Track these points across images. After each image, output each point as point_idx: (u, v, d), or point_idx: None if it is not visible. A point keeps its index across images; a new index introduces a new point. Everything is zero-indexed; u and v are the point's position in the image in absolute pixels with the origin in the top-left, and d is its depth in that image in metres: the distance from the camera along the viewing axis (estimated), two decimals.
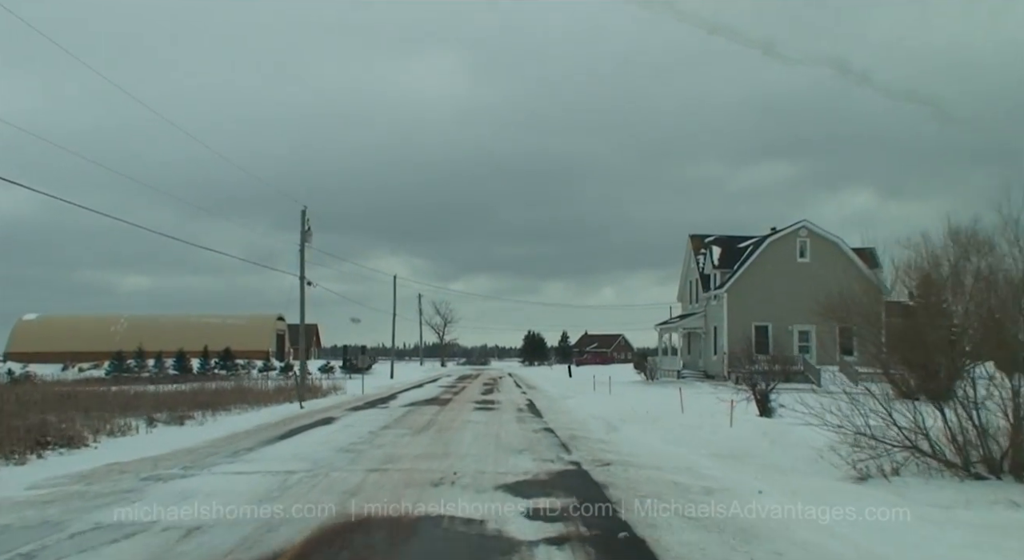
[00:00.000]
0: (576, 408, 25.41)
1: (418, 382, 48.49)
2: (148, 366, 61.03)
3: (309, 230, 34.97)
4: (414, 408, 24.35)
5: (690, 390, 35.64)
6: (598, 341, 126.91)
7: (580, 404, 27.12)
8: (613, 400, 28.79)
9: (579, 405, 26.74)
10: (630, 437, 16.53)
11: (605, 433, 17.53)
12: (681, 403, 23.30)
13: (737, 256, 40.43)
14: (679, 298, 47.83)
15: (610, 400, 28.77)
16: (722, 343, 39.07)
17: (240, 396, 26.67)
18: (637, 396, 30.92)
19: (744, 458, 13.76)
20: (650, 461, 12.30)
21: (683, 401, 28.19)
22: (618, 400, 28.78)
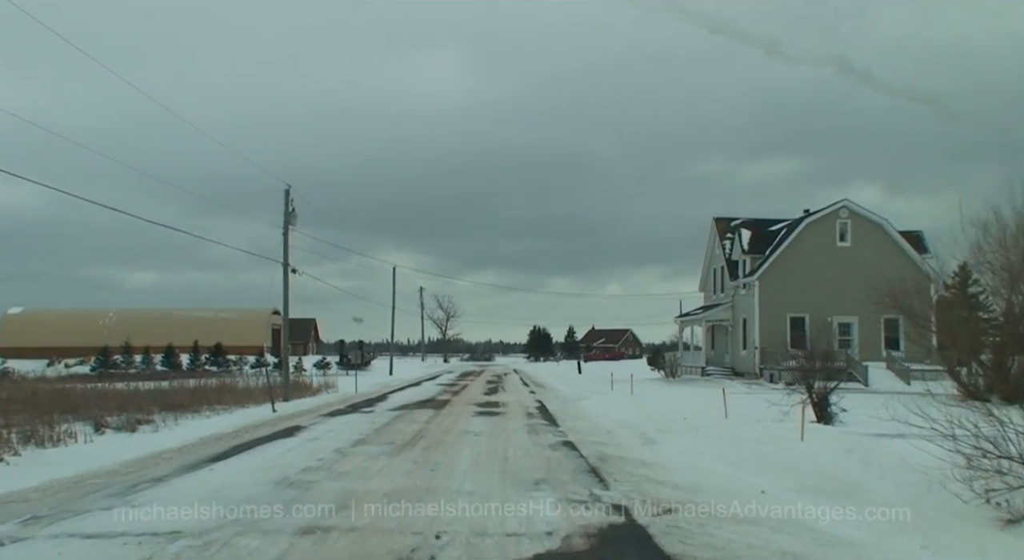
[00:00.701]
0: (595, 412, 21.49)
1: (416, 380, 44.67)
2: (135, 362, 57.99)
3: (293, 212, 31.28)
4: (404, 412, 20.47)
5: (719, 390, 31.64)
6: (605, 336, 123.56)
7: (599, 406, 23.20)
8: (636, 401, 24.87)
9: (598, 408, 22.82)
10: (678, 456, 12.59)
11: (643, 448, 13.61)
12: (725, 407, 19.33)
13: (769, 240, 36.42)
14: (701, 288, 43.79)
15: (632, 401, 24.85)
16: (753, 337, 35.09)
17: (218, 396, 23.95)
18: (663, 397, 26.99)
19: (850, 493, 9.82)
20: (728, 503, 8.37)
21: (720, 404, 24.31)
22: (642, 401, 24.87)
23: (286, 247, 30.91)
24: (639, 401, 25.10)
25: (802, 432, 14.39)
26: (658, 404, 23.70)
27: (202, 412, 20.02)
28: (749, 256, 36.12)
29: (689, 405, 23.50)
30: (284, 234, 30.91)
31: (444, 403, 24.38)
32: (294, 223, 31.40)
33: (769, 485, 9.95)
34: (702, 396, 27.46)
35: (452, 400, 25.79)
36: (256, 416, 20.45)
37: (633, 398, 26.39)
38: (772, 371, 33.20)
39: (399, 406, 22.99)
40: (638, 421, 18.49)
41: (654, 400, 25.37)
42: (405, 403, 24.48)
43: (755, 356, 34.68)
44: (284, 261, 30.89)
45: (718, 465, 11.75)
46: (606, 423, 18.19)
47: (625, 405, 23.49)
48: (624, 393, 29.04)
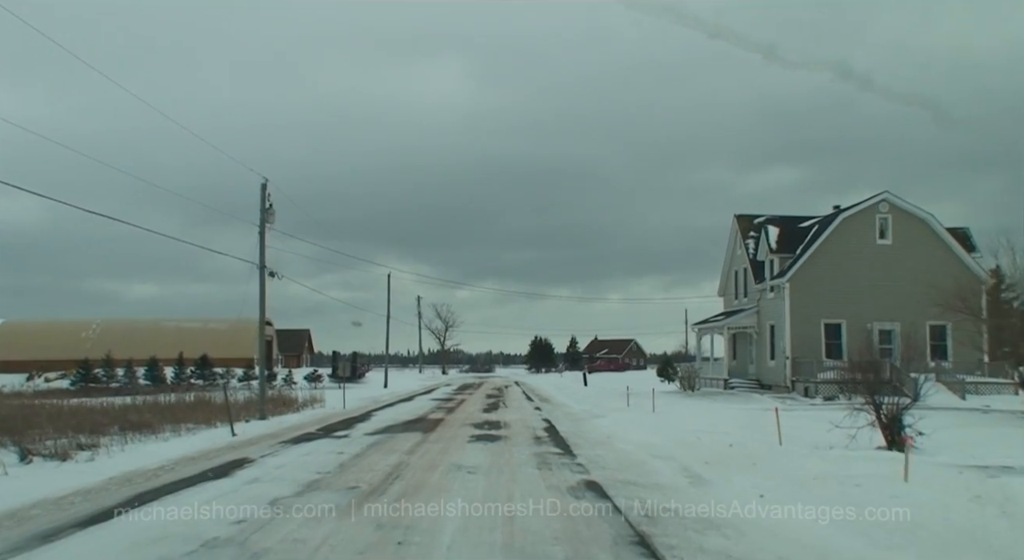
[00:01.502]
0: (615, 434, 17.88)
1: (411, 393, 41.05)
2: (117, 376, 54.46)
3: (271, 208, 27.88)
4: (385, 437, 16.85)
5: (751, 406, 28.08)
6: (608, 346, 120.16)
7: (618, 427, 19.59)
8: (660, 421, 21.27)
9: (617, 428, 19.21)
10: (751, 510, 8.96)
11: (697, 495, 10.01)
12: (779, 430, 15.74)
13: (799, 238, 32.84)
14: (721, 292, 40.12)
15: (656, 421, 21.25)
16: (783, 345, 31.47)
17: (190, 413, 21.74)
18: (690, 415, 23.36)
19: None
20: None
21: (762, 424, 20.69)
22: (667, 421, 21.28)
23: (262, 247, 27.57)
24: (664, 420, 21.50)
25: (906, 469, 10.83)
26: (687, 424, 20.11)
27: (162, 434, 17.72)
28: (778, 256, 32.52)
29: (725, 425, 19.92)
30: (260, 233, 27.60)
31: (436, 423, 20.77)
32: (271, 221, 28.04)
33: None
34: (736, 414, 23.84)
35: (445, 419, 22.16)
36: (215, 440, 17.08)
37: (655, 416, 22.78)
38: (807, 384, 29.57)
39: (381, 428, 19.36)
40: (673, 448, 14.90)
41: (681, 419, 21.76)
42: (390, 423, 20.86)
43: (786, 367, 31.04)
44: (260, 263, 27.54)
45: (816, 526, 8.15)
46: (633, 451, 14.58)
47: (649, 425, 19.89)
48: (642, 410, 25.42)
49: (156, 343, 58.99)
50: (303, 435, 17.75)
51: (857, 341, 30.75)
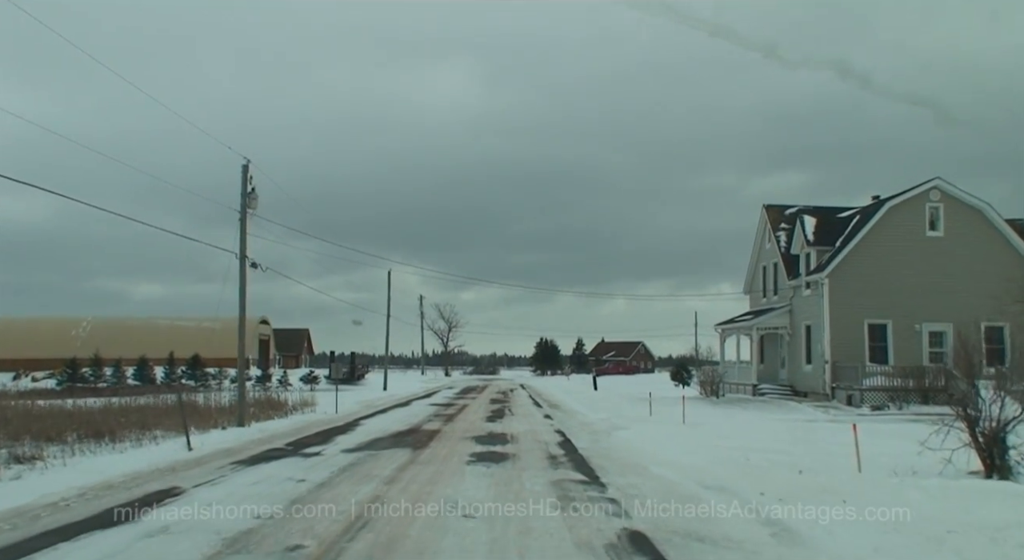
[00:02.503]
0: (647, 452, 14.75)
1: (409, 397, 37.94)
2: (105, 375, 51.73)
3: (253, 192, 24.99)
4: (364, 456, 13.72)
5: (792, 416, 24.86)
6: (616, 349, 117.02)
7: (647, 442, 16.45)
8: (694, 435, 18.15)
9: (646, 445, 16.08)
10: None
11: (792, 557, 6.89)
12: (858, 453, 12.62)
13: (838, 229, 29.64)
14: (747, 290, 36.83)
15: (691, 435, 18.13)
16: (821, 348, 28.25)
17: (164, 418, 19.49)
18: (727, 427, 20.17)
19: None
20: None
21: (815, 440, 17.57)
22: (702, 434, 18.15)
23: (243, 235, 24.66)
24: (698, 433, 18.36)
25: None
26: (728, 439, 16.97)
27: (123, 443, 15.91)
28: (815, 248, 29.29)
29: (771, 441, 16.79)
30: (241, 219, 24.69)
31: (430, 436, 17.65)
32: (253, 206, 25.05)
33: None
34: (778, 426, 20.68)
35: (442, 431, 19.04)
36: (167, 455, 14.22)
37: (687, 429, 19.63)
38: (849, 391, 26.37)
39: (365, 443, 16.22)
40: (724, 474, 11.78)
41: (717, 432, 18.61)
42: (377, 436, 17.76)
43: (824, 372, 27.82)
44: (240, 253, 24.63)
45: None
46: (677, 479, 11.44)
47: (682, 440, 16.76)
48: (669, 419, 22.29)
49: (148, 342, 56.68)
50: (267, 452, 14.65)
51: (905, 344, 27.64)
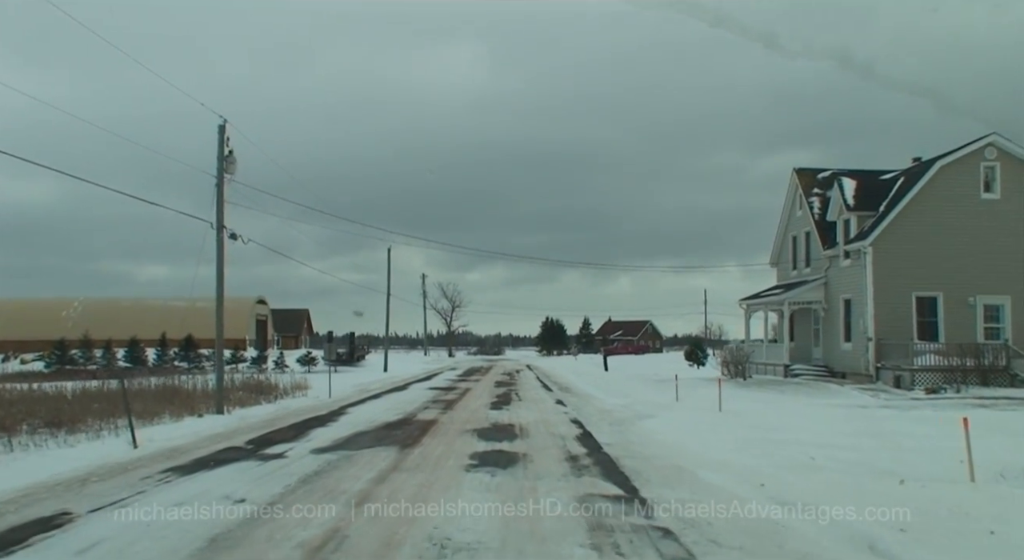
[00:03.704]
0: (688, 451, 11.95)
1: (407, 380, 35.24)
2: (95, 357, 49.45)
3: (231, 155, 22.33)
4: (337, 459, 10.92)
5: (836, 401, 21.95)
6: (623, 328, 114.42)
7: (683, 436, 13.66)
8: (734, 425, 15.33)
9: (683, 439, 13.29)
10: None
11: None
12: (969, 456, 9.76)
13: (881, 192, 26.60)
14: (773, 262, 33.76)
15: (729, 426, 15.31)
16: (863, 323, 25.33)
17: (137, 405, 16.83)
18: (770, 416, 17.29)
19: None
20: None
21: (880, 431, 14.73)
22: (743, 425, 15.34)
23: (220, 201, 22.07)
24: (738, 423, 15.53)
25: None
26: (777, 432, 14.18)
27: (77, 435, 13.94)
28: (855, 214, 26.24)
29: (829, 434, 14.01)
30: (218, 184, 22.09)
31: (425, 429, 14.86)
32: (231, 171, 22.32)
33: None
34: (827, 413, 17.82)
35: (439, 422, 16.24)
36: (107, 455, 11.65)
37: (726, 418, 16.78)
38: (897, 371, 23.50)
39: (343, 439, 13.41)
40: (802, 485, 9.02)
41: (763, 422, 15.78)
42: (361, 429, 14.96)
43: (868, 350, 24.90)
44: (218, 222, 22.02)
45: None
46: (742, 492, 8.64)
47: (726, 434, 13.94)
48: (698, 406, 19.48)
49: (140, 323, 54.59)
50: (220, 452, 11.86)
51: (957, 319, 24.77)
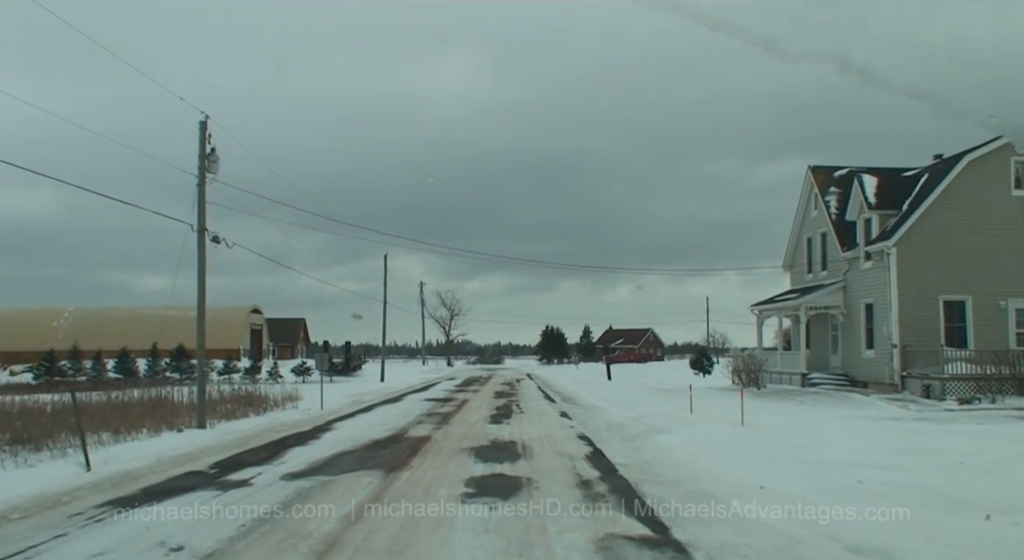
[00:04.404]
0: (720, 477, 10.35)
1: (402, 391, 33.65)
2: (85, 368, 48.00)
3: (213, 153, 20.96)
4: (309, 490, 9.32)
5: (865, 412, 20.20)
6: (624, 336, 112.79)
7: (706, 456, 12.08)
8: (760, 441, 13.76)
9: (708, 460, 11.71)
10: None
11: None
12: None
13: (904, 190, 25.07)
14: (787, 265, 32.14)
15: (755, 442, 13.73)
16: (887, 329, 23.75)
17: (113, 419, 16.42)
18: (796, 430, 15.68)
19: None
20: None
21: (926, 447, 13.18)
22: (769, 440, 13.77)
23: (201, 202, 20.79)
24: (767, 440, 13.94)
25: None
26: (813, 450, 12.63)
27: (41, 453, 12.80)
28: (876, 213, 24.70)
29: (867, 451, 12.46)
30: (199, 184, 20.81)
31: (416, 447, 13.27)
32: (214, 170, 20.99)
33: None
34: (859, 427, 16.21)
35: (433, 439, 14.64)
36: (51, 481, 10.15)
37: (749, 433, 15.17)
38: (927, 380, 21.90)
39: (323, 461, 11.81)
40: (864, 521, 7.42)
41: (791, 438, 14.21)
42: (345, 447, 13.37)
43: (892, 358, 23.31)
44: (199, 224, 20.66)
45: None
46: (795, 532, 7.08)
47: (754, 453, 12.36)
48: (717, 418, 17.87)
49: (132, 333, 53.14)
50: (177, 480, 10.26)
51: (987, 324, 23.20)
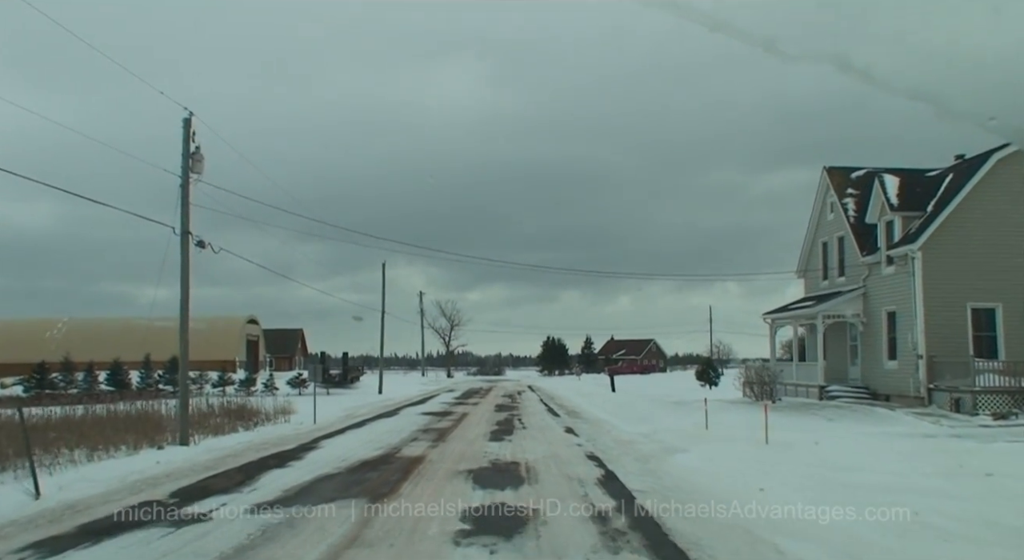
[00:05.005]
0: (756, 509, 8.93)
1: (399, 404, 32.28)
2: (76, 380, 46.52)
3: (198, 152, 19.71)
4: (275, 528, 7.92)
5: (896, 429, 18.60)
6: (626, 347, 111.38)
7: (733, 480, 10.69)
8: (792, 464, 12.35)
9: (738, 486, 10.31)
10: None
11: None
12: None
13: (928, 191, 23.73)
14: (800, 272, 30.66)
15: (786, 464, 12.32)
16: (912, 338, 22.34)
17: (92, 435, 15.60)
18: (828, 450, 14.26)
19: None
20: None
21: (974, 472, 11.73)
22: (801, 462, 12.37)
23: (185, 204, 19.60)
24: (798, 461, 12.53)
25: None
26: (852, 473, 11.25)
27: (2, 474, 11.76)
28: (899, 214, 23.34)
29: (912, 473, 11.09)
30: (182, 185, 19.57)
31: (407, 469, 11.87)
32: (198, 170, 19.74)
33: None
34: (897, 446, 14.75)
35: (427, 459, 13.23)
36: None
37: (777, 453, 13.73)
38: (956, 393, 20.49)
39: (300, 487, 10.41)
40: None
41: (823, 458, 12.81)
42: (328, 471, 11.97)
43: (918, 369, 21.91)
44: (183, 227, 19.47)
45: None
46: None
47: (788, 477, 10.96)
48: (737, 435, 16.43)
49: (125, 344, 51.70)
50: (125, 512, 8.87)
51: (1018, 333, 21.81)
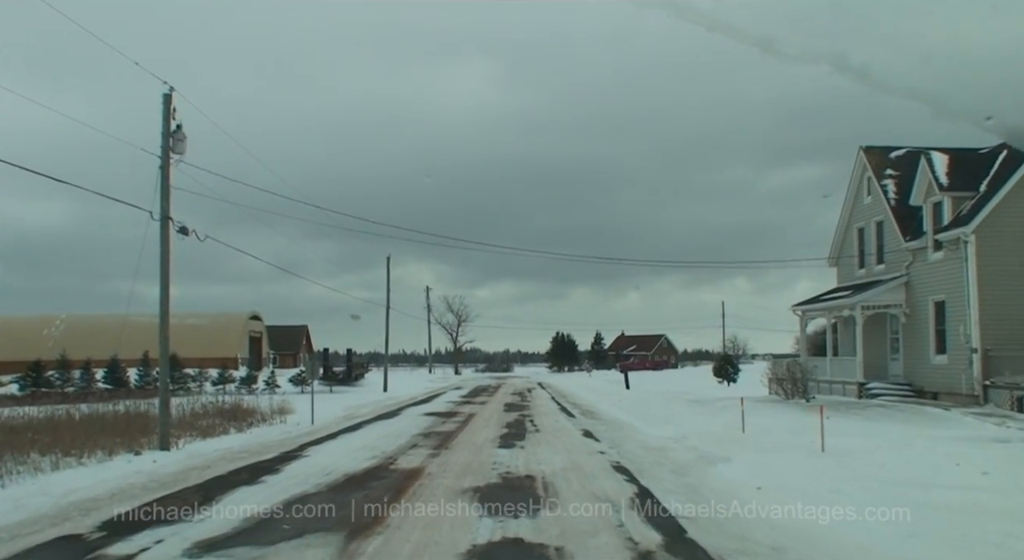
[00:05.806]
0: (837, 544, 6.94)
1: (403, 403, 30.44)
2: (73, 378, 45.02)
3: (179, 130, 17.82)
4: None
5: (956, 432, 16.35)
6: (637, 343, 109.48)
7: (795, 495, 8.63)
8: (858, 477, 10.31)
9: (801, 503, 8.26)
10: None
11: None
12: None
13: (979, 169, 21.57)
14: (833, 260, 28.24)
15: (850, 477, 10.28)
16: (964, 330, 20.21)
17: (74, 438, 14.53)
18: (894, 459, 12.20)
19: None
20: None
21: None
22: (866, 474, 10.34)
23: (165, 186, 18.07)
24: (862, 473, 10.50)
25: None
26: (930, 490, 9.23)
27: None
28: (949, 194, 21.18)
29: (1012, 489, 9.05)
30: (162, 166, 17.87)
31: (401, 488, 9.91)
32: (180, 150, 17.89)
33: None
34: (965, 452, 12.59)
35: (426, 472, 11.25)
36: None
37: (834, 460, 11.69)
38: (1019, 391, 18.37)
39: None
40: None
41: (889, 470, 10.78)
42: (308, 489, 10.01)
43: (972, 364, 19.80)
44: (162, 212, 17.80)
45: None
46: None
47: (861, 493, 8.95)
48: (783, 441, 14.40)
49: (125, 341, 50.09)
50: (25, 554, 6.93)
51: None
